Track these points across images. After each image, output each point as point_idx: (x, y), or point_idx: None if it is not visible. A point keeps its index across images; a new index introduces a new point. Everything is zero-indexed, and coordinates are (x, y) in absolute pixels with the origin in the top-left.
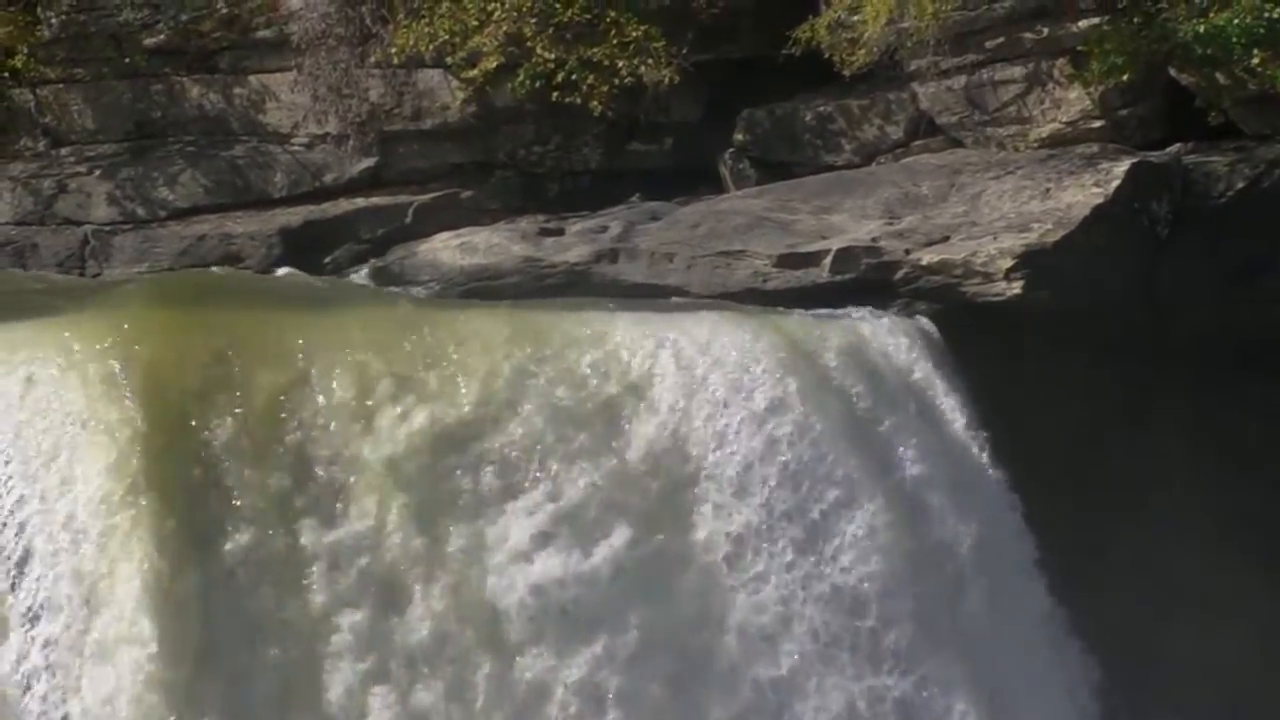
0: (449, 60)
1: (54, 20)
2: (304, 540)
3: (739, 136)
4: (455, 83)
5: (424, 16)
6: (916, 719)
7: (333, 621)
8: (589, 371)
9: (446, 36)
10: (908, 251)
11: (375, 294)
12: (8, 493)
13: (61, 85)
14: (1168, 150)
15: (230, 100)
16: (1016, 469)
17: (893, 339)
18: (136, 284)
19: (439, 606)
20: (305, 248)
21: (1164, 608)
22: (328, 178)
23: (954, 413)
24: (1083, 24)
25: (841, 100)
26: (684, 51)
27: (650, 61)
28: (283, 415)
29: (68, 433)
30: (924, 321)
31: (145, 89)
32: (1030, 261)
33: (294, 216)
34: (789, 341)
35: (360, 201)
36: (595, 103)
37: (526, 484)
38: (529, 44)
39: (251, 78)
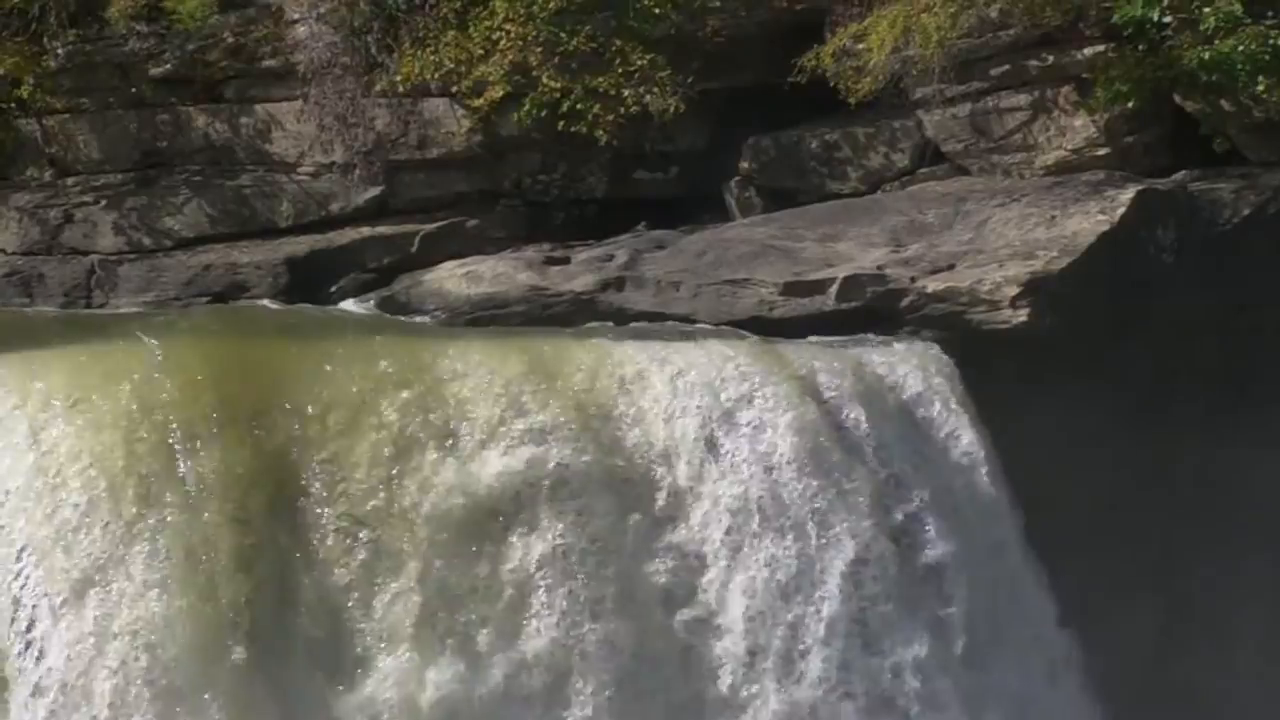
0: (455, 89)
1: (60, 50)
2: None
3: (745, 165)
4: (461, 111)
5: (429, 45)
6: None
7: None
8: None
9: (452, 65)
10: (913, 279)
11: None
12: None
13: (67, 115)
14: (1173, 177)
15: (236, 129)
16: (1021, 491)
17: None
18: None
19: None
20: (311, 277)
21: (1176, 630)
22: (334, 207)
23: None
24: (1088, 51)
25: (847, 128)
26: (689, 80)
27: (656, 90)
28: None
29: None
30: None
31: (151, 118)
32: (1036, 289)
33: (300, 246)
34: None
35: (366, 230)
36: (601, 131)
37: None
38: (535, 73)
39: (257, 107)
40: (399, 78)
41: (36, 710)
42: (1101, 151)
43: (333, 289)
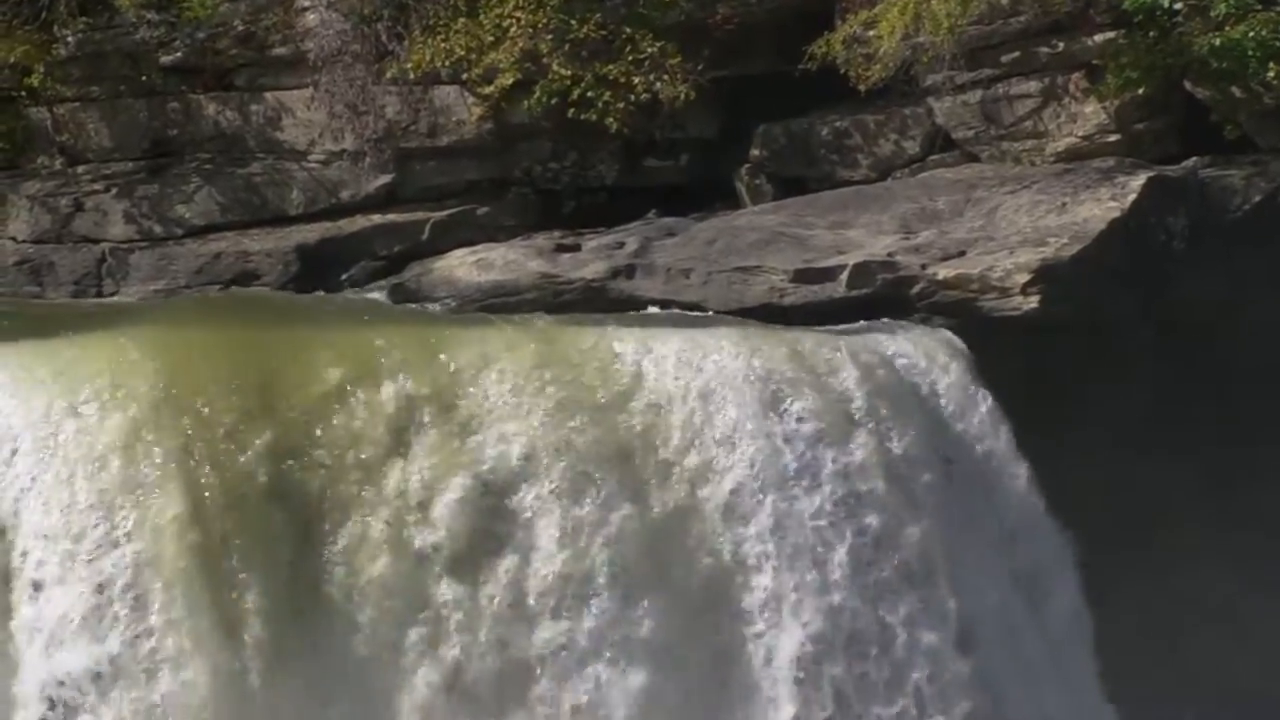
0: (465, 77)
1: (70, 38)
2: None
3: (755, 152)
4: (471, 99)
5: (440, 33)
6: None
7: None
8: None
9: (463, 53)
10: (924, 266)
11: None
12: None
13: (78, 103)
14: (1184, 164)
15: (247, 118)
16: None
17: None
18: None
19: None
20: (322, 265)
21: (1182, 621)
22: (344, 195)
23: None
24: (1098, 38)
25: (857, 115)
26: (700, 68)
27: (666, 78)
28: None
29: None
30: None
31: (161, 107)
32: (1047, 276)
33: (310, 234)
34: None
35: (377, 218)
36: (611, 119)
37: None
38: (545, 61)
39: (268, 95)
40: (409, 65)
41: None
42: (1112, 138)
43: (343, 277)
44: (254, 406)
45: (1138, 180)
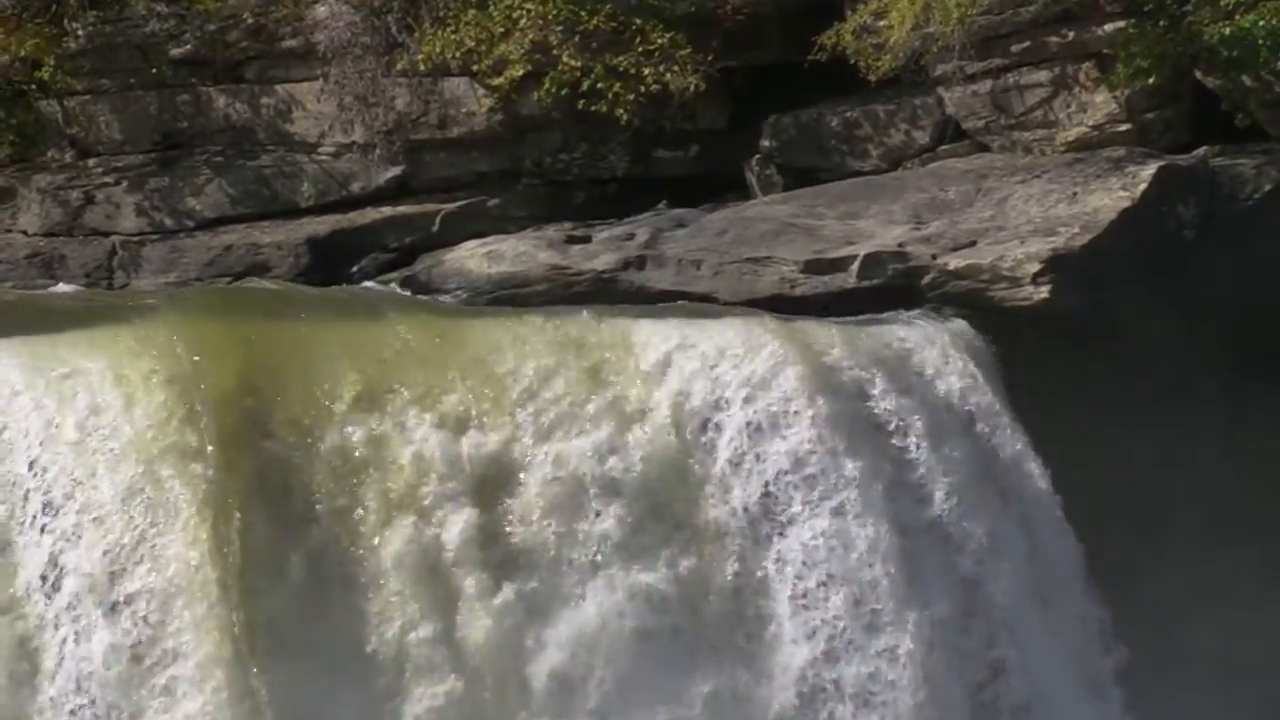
0: (475, 68)
1: (80, 31)
2: None
3: (765, 143)
4: (481, 91)
5: (450, 25)
6: None
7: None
8: None
9: (473, 45)
10: (935, 256)
11: None
12: None
13: (88, 96)
14: (1194, 153)
15: (257, 110)
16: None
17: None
18: None
19: None
20: (332, 257)
21: (1195, 607)
22: (354, 187)
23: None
24: (1108, 27)
25: (867, 106)
26: (709, 58)
27: (676, 69)
28: None
29: None
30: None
31: (172, 99)
32: (1057, 265)
33: (321, 226)
34: None
35: (387, 210)
36: (621, 110)
37: None
38: (555, 52)
39: (278, 87)
40: (419, 57)
41: None
42: (1122, 128)
43: (354, 269)
44: None
45: (1148, 170)
